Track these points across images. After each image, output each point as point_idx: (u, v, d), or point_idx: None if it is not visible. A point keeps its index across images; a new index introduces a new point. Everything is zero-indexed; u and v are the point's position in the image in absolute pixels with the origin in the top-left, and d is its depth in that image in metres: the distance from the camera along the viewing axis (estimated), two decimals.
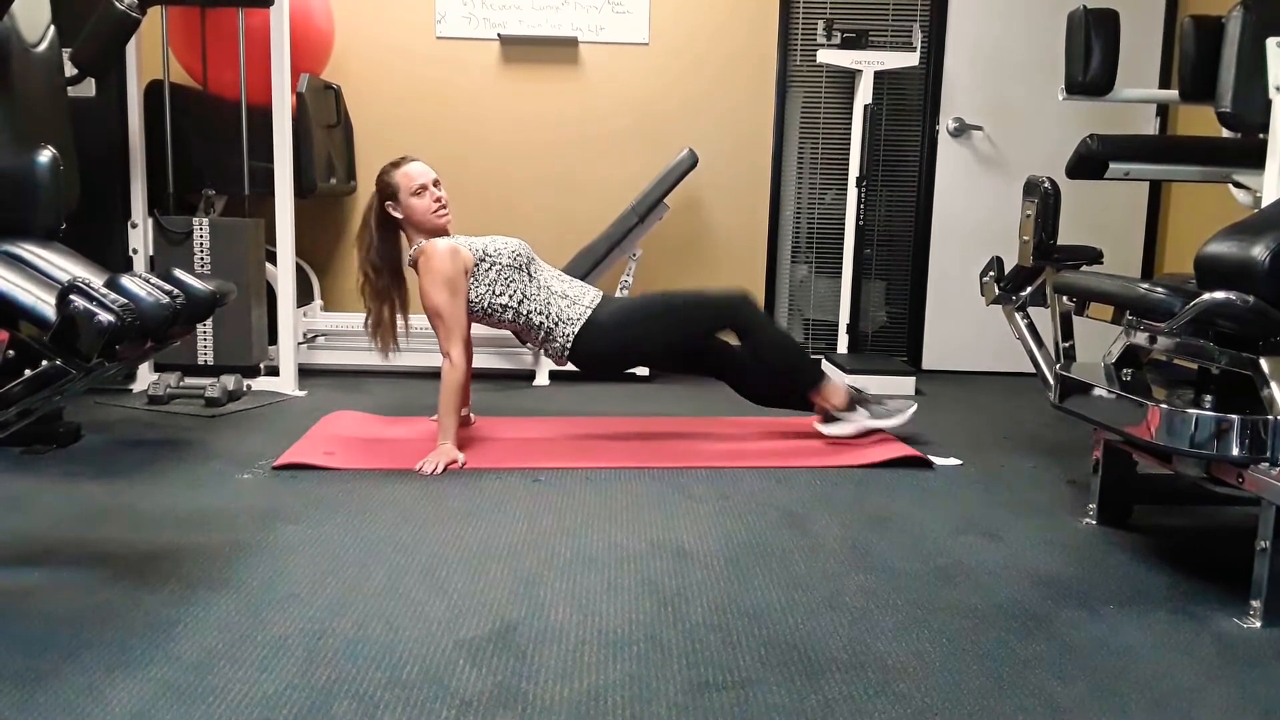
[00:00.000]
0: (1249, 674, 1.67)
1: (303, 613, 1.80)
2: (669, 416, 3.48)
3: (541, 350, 3.07)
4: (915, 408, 3.13)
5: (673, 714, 1.48)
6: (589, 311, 2.99)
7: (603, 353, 3.02)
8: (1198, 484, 2.10)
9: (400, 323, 3.06)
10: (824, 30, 4.19)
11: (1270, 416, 1.86)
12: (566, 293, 3.01)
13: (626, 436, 3.16)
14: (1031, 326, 2.87)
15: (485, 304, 2.95)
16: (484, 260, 2.95)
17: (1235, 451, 1.89)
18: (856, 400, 3.09)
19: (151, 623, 1.74)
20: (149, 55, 3.77)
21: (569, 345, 2.98)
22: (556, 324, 2.97)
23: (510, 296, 2.95)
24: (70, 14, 2.62)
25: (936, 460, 2.95)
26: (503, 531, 2.26)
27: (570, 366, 3.08)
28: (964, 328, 4.57)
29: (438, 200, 2.96)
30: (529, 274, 3.00)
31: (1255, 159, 2.43)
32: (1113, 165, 2.78)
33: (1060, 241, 2.67)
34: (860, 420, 3.07)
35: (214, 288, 2.21)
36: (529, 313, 2.97)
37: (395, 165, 2.97)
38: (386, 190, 2.96)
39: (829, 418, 3.09)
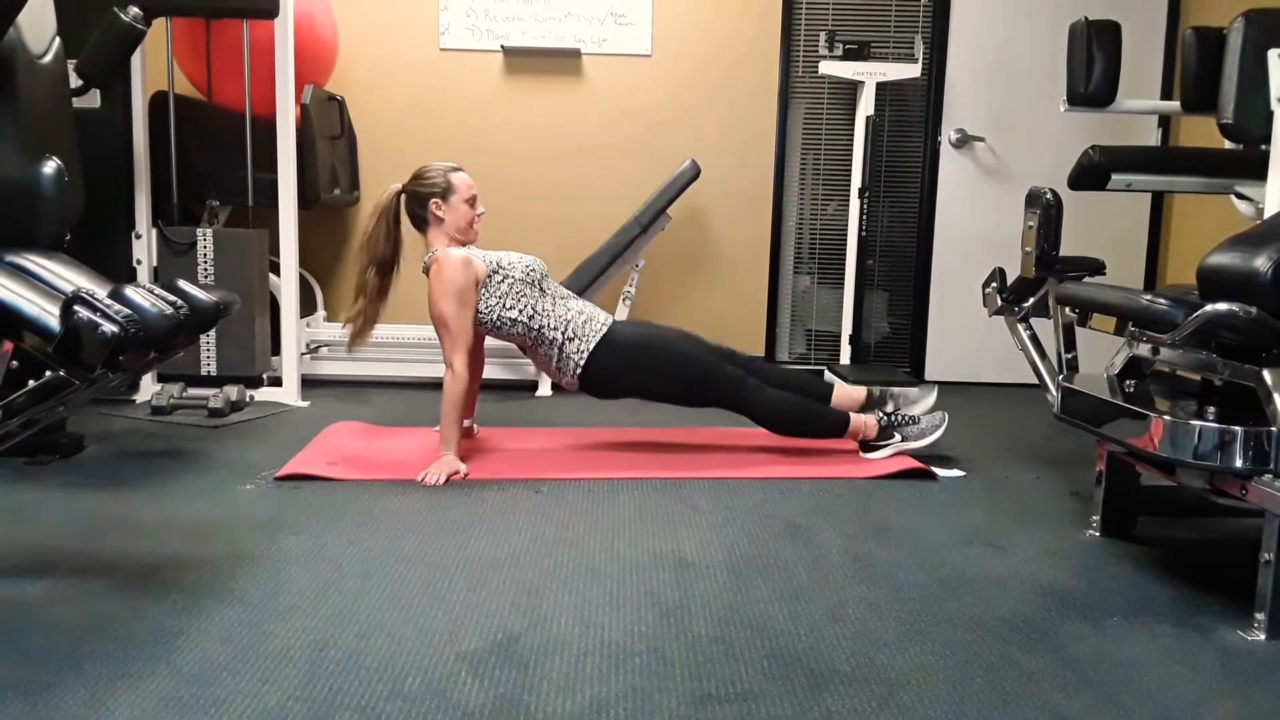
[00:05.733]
0: (1253, 686, 1.67)
1: (305, 624, 1.80)
2: (672, 427, 3.48)
3: (553, 371, 3.02)
4: (946, 420, 3.07)
5: None
6: (604, 329, 2.97)
7: (613, 375, 2.99)
8: (1201, 496, 2.09)
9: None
10: (826, 42, 4.19)
11: (1273, 428, 1.85)
12: (582, 310, 3.01)
13: (629, 447, 3.16)
14: (1034, 337, 2.87)
15: (495, 316, 2.94)
16: (497, 272, 2.95)
17: (1239, 463, 1.88)
18: (888, 427, 3.06)
19: (154, 634, 1.74)
20: (154, 67, 3.78)
21: (582, 364, 2.95)
22: (571, 339, 2.95)
23: (520, 311, 2.95)
24: (76, 25, 2.63)
25: (940, 472, 2.94)
26: (505, 543, 2.26)
27: (576, 387, 3.02)
28: (966, 339, 4.57)
29: (480, 214, 3.03)
30: (541, 289, 2.99)
31: (1257, 170, 2.43)
32: (1115, 176, 2.77)
33: (1062, 253, 2.66)
34: (895, 445, 3.04)
35: (217, 298, 2.22)
36: (540, 327, 2.96)
37: (450, 169, 3.00)
38: (439, 188, 2.96)
39: (866, 446, 3.08)
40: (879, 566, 2.17)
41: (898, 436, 3.05)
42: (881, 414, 3.08)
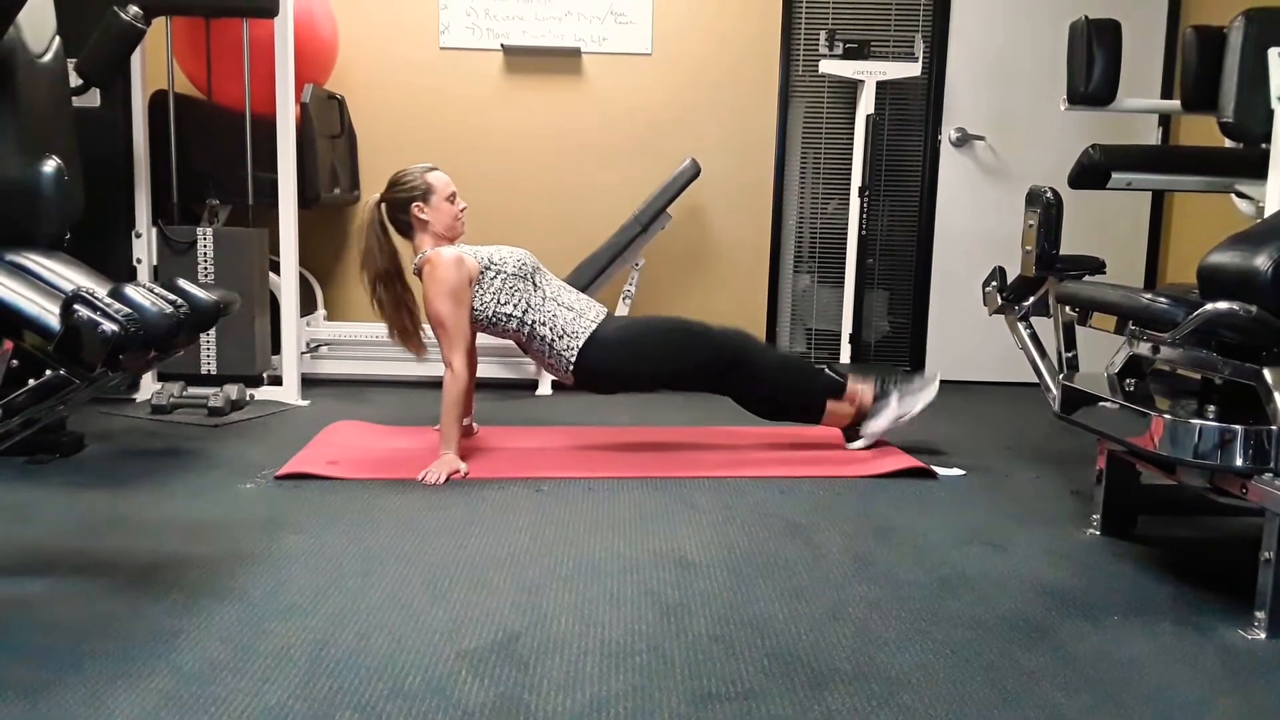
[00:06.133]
0: (1254, 685, 1.67)
1: (305, 623, 1.80)
2: (672, 426, 3.48)
3: (546, 366, 3.05)
4: (939, 377, 3.13)
5: None
6: (594, 326, 2.98)
7: (605, 371, 3.00)
8: (1201, 495, 2.09)
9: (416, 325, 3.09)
10: (826, 41, 4.19)
11: (1274, 427, 1.85)
12: (572, 305, 3.01)
13: (629, 447, 3.16)
14: (1034, 336, 2.87)
15: (490, 313, 2.95)
16: (489, 269, 2.95)
17: (1239, 462, 1.88)
18: (884, 387, 3.10)
19: (154, 633, 1.74)
20: (154, 66, 3.78)
21: (573, 360, 2.96)
22: (560, 337, 2.96)
23: (515, 306, 2.95)
24: (76, 24, 2.63)
25: (940, 471, 2.94)
26: (505, 542, 2.26)
27: (573, 382, 3.05)
28: (967, 337, 4.57)
29: (463, 210, 3.02)
30: (534, 284, 2.99)
31: (1258, 169, 2.43)
32: (1115, 175, 2.77)
33: (1063, 251, 2.66)
34: (893, 408, 3.07)
35: (218, 297, 2.22)
36: (533, 323, 2.96)
37: (426, 170, 2.99)
38: (419, 191, 2.95)
39: (852, 435, 3.11)
40: (879, 565, 2.17)
41: (895, 393, 3.08)
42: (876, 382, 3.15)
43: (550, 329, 2.96)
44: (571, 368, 2.98)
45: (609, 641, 1.76)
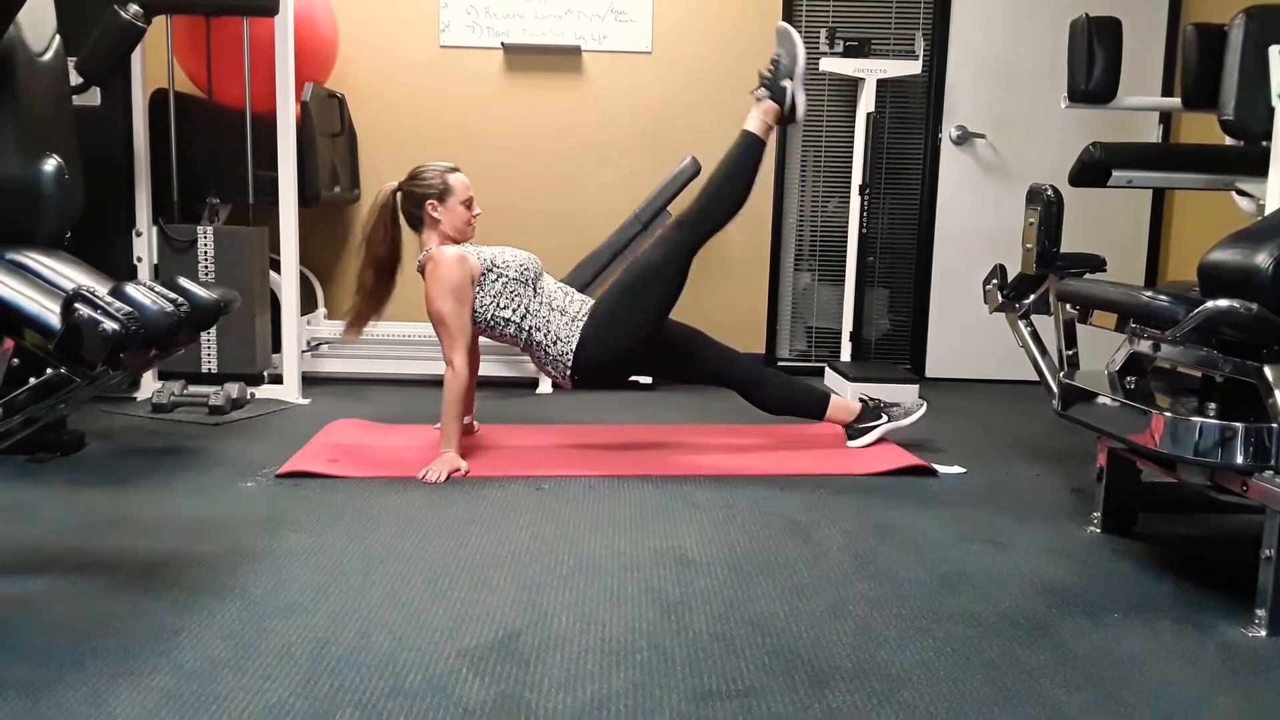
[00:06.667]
0: (1254, 683, 1.67)
1: (306, 621, 1.80)
2: (672, 425, 3.48)
3: (545, 371, 3.05)
4: (925, 405, 3.20)
5: None
6: (580, 323, 2.98)
7: (601, 362, 2.99)
8: (1202, 492, 2.10)
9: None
10: (827, 38, 4.19)
11: (1274, 424, 1.85)
12: (565, 309, 3.00)
13: (630, 445, 3.16)
14: (1035, 334, 2.87)
15: (489, 315, 2.94)
16: (491, 271, 2.94)
17: (1239, 459, 1.88)
18: (875, 409, 3.17)
19: (155, 631, 1.75)
20: (154, 64, 3.78)
21: (570, 365, 2.97)
22: (555, 343, 2.95)
23: (514, 310, 2.95)
24: (76, 23, 2.63)
25: (940, 468, 2.94)
26: (505, 540, 2.26)
27: (572, 386, 3.04)
28: (967, 335, 4.57)
29: (476, 215, 3.02)
30: (534, 289, 2.99)
31: (1258, 166, 2.43)
32: (1116, 173, 2.77)
33: (1063, 249, 2.66)
34: (883, 426, 3.14)
35: (218, 296, 2.22)
36: (530, 329, 2.96)
37: (448, 169, 2.99)
38: (436, 189, 2.94)
39: (852, 432, 3.16)
40: (880, 563, 2.17)
41: (884, 417, 3.14)
42: (865, 399, 3.19)
43: (545, 335, 2.96)
44: (569, 372, 2.98)
45: (610, 639, 1.76)
